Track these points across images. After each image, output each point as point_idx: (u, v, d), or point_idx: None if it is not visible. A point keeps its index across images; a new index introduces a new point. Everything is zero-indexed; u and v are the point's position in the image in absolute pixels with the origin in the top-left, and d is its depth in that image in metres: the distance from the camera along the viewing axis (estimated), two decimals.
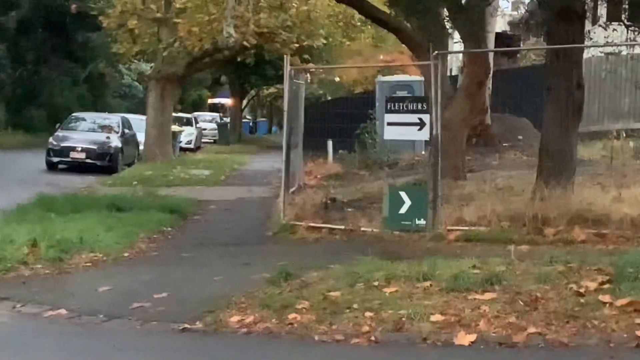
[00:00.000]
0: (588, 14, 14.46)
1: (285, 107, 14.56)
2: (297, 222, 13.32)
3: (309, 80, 41.70)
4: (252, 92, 60.59)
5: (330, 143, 26.15)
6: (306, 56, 31.85)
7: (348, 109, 28.54)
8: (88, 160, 26.30)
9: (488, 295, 7.76)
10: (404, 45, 22.20)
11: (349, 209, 14.31)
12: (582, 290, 7.76)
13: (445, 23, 17.75)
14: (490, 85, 22.07)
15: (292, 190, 15.74)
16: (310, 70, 37.10)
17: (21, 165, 26.83)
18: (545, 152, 13.18)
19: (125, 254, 11.61)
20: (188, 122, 42.30)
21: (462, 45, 18.54)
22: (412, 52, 18.67)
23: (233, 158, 33.46)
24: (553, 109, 13.14)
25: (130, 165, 27.67)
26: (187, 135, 39.44)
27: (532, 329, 7.04)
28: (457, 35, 18.94)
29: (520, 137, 23.95)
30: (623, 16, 15.13)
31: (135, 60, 44.45)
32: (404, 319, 7.37)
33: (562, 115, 13.00)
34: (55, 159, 26.41)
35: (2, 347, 7.24)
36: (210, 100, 70.13)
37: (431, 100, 12.98)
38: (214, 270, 10.18)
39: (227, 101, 64.26)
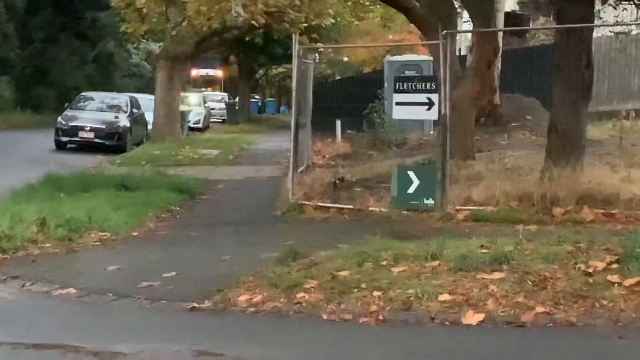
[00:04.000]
0: None
1: (294, 87, 14.54)
2: (305, 202, 13.33)
3: (317, 60, 41.61)
4: (261, 72, 60.24)
5: (338, 123, 26.10)
6: (315, 36, 31.76)
7: (356, 88, 28.50)
8: (97, 140, 26.33)
9: (496, 275, 7.76)
10: (412, 25, 22.15)
11: (358, 189, 14.31)
12: (590, 270, 7.76)
13: (455, 2, 17.69)
14: (499, 65, 21.97)
15: (300, 169, 15.74)
16: (319, 49, 37.12)
17: (30, 144, 26.89)
18: (555, 132, 13.14)
19: (134, 233, 11.64)
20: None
21: (471, 24, 18.46)
22: (421, 31, 18.61)
23: (241, 137, 33.46)
24: (562, 89, 13.09)
25: (138, 144, 27.70)
26: (196, 114, 39.39)
27: (540, 309, 7.05)
28: (466, 15, 18.88)
29: (529, 117, 23.84)
30: None
31: (143, 40, 44.37)
32: (412, 298, 7.37)
33: (571, 95, 12.95)
34: (64, 139, 26.46)
35: (11, 325, 7.28)
36: (195, 72, 56.53)
37: (440, 79, 12.95)
38: (223, 250, 10.21)
39: (217, 73, 60.19)
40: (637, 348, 6.45)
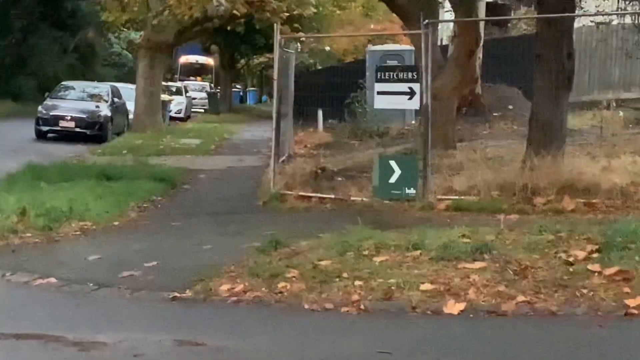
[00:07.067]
0: None
1: (275, 76, 14.51)
2: (287, 192, 13.31)
3: (299, 50, 41.56)
4: (242, 62, 60.02)
5: (320, 112, 26.09)
6: (296, 25, 31.70)
7: (338, 78, 28.52)
8: (77, 129, 26.17)
9: (477, 264, 7.78)
10: (394, 15, 22.13)
11: (339, 178, 14.31)
12: (571, 259, 7.79)
13: None
14: (481, 55, 22.00)
15: (282, 159, 15.72)
16: (301, 39, 37.02)
17: (10, 134, 26.67)
18: (536, 122, 13.18)
19: (115, 223, 11.60)
20: (178, 91, 42.12)
21: (453, 14, 18.46)
22: (403, 21, 18.60)
23: (223, 127, 33.38)
24: (543, 79, 13.12)
25: (119, 134, 27.58)
26: (177, 104, 39.25)
27: (521, 298, 7.07)
28: (447, 4, 18.87)
29: (510, 107, 23.93)
30: None
31: (124, 29, 44.13)
32: (393, 287, 7.38)
33: (552, 85, 12.98)
34: (45, 128, 26.29)
35: None
36: (184, 59, 56.37)
37: (421, 69, 12.94)
38: (204, 239, 10.17)
39: (208, 60, 58.95)
40: (616, 337, 6.47)
